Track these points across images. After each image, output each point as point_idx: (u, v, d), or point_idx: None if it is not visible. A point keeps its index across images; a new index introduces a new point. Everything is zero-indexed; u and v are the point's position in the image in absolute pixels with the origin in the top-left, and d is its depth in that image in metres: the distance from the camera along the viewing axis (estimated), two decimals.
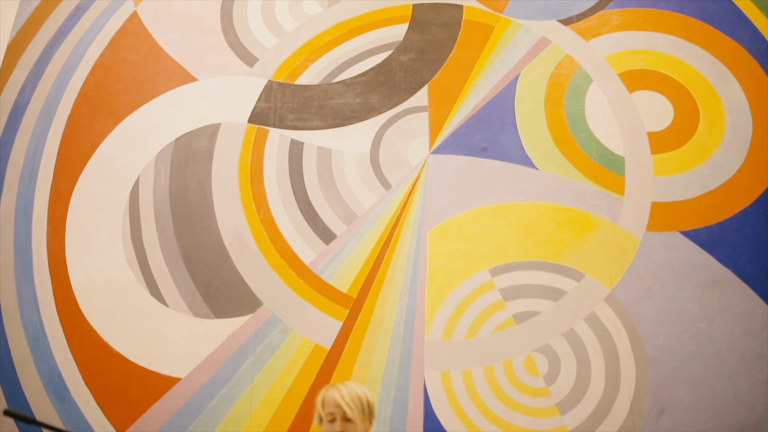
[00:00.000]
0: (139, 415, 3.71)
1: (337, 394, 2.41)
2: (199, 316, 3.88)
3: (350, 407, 2.38)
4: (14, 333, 3.89)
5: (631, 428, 3.60)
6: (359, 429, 2.40)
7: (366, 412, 2.42)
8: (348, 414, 2.38)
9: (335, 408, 2.41)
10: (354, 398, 2.41)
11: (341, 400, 2.39)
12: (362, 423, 2.41)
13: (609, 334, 3.75)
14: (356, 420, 2.38)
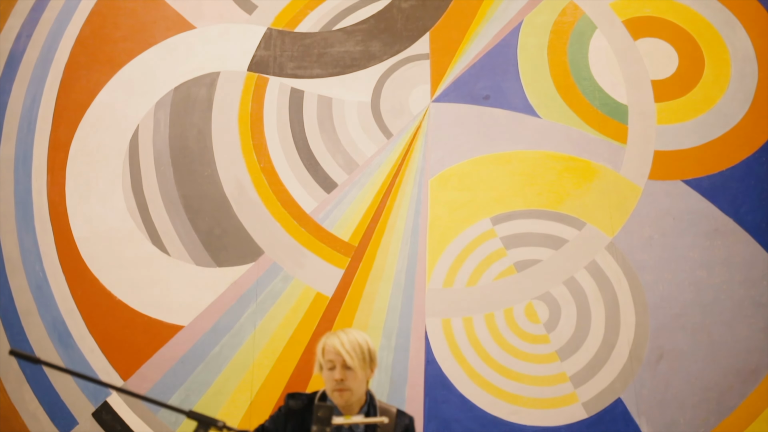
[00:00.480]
0: (143, 362, 3.75)
1: (337, 342, 2.40)
2: (201, 264, 3.89)
3: (350, 355, 2.37)
4: (17, 282, 3.91)
5: (630, 374, 3.64)
6: (359, 376, 2.40)
7: (366, 359, 2.41)
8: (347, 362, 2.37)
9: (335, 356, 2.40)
10: (354, 346, 2.40)
11: (341, 347, 2.38)
12: (362, 370, 2.40)
13: (609, 282, 3.77)
14: (356, 367, 2.38)
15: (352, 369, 2.38)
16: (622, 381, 3.63)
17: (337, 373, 2.39)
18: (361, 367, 2.39)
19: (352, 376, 2.39)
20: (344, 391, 2.39)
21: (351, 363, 2.37)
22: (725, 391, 3.60)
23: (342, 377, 2.38)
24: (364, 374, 2.41)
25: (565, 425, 3.58)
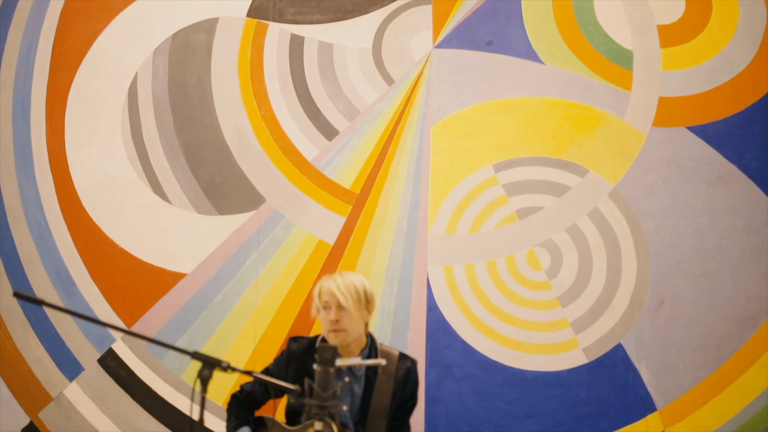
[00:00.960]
0: (147, 310, 3.77)
1: (332, 284, 2.41)
2: (203, 212, 3.89)
3: (344, 296, 2.38)
4: (19, 230, 3.91)
5: (630, 320, 3.66)
6: (354, 317, 2.41)
7: (362, 300, 2.41)
8: (342, 302, 2.39)
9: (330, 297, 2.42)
10: (349, 287, 2.40)
11: (335, 289, 2.39)
12: (357, 312, 2.41)
13: (611, 229, 3.77)
14: (350, 308, 2.38)
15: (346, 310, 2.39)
16: (622, 327, 3.66)
17: (332, 314, 2.41)
18: (356, 308, 2.40)
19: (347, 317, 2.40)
20: (339, 331, 2.41)
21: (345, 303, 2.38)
22: (724, 337, 3.63)
23: (337, 318, 2.39)
24: (360, 315, 2.41)
25: (566, 370, 3.62)
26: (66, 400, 3.69)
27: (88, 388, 3.70)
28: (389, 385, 2.42)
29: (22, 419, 3.67)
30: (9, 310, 3.81)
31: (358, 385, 2.44)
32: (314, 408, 2.02)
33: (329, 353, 2.06)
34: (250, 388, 2.60)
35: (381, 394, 2.41)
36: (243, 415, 2.52)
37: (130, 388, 3.70)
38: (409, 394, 2.50)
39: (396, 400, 2.45)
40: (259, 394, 2.57)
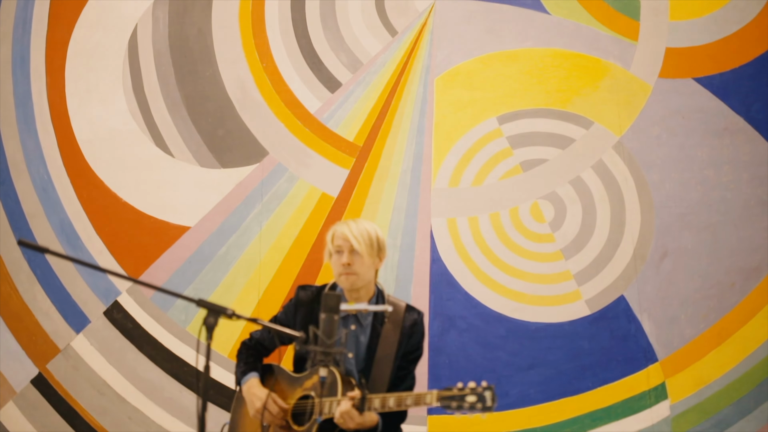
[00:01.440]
0: (151, 263, 3.79)
1: (346, 228, 2.43)
2: (206, 166, 3.87)
3: (357, 240, 2.40)
4: (22, 184, 3.90)
5: (633, 272, 3.67)
6: (366, 262, 2.43)
7: (374, 246, 2.43)
8: (354, 246, 2.40)
9: (343, 241, 2.43)
10: (362, 232, 2.42)
11: (349, 233, 2.41)
12: (370, 257, 2.42)
13: (616, 182, 3.75)
14: (363, 253, 2.40)
15: (358, 254, 2.41)
16: (625, 279, 3.67)
17: (345, 257, 2.43)
18: (368, 253, 2.41)
19: (359, 261, 2.42)
20: (351, 274, 2.43)
21: (358, 247, 2.40)
22: (727, 289, 3.64)
23: (349, 261, 2.41)
24: (371, 261, 2.43)
25: (568, 321, 3.65)
26: (73, 352, 3.73)
27: (94, 340, 3.74)
28: (395, 335, 2.44)
29: (31, 370, 3.72)
30: (14, 263, 3.83)
31: (364, 334, 2.46)
32: (318, 355, 2.04)
33: (334, 301, 2.07)
34: (258, 336, 2.64)
35: (386, 343, 2.43)
36: (251, 362, 2.56)
37: (137, 339, 3.74)
38: (414, 345, 2.52)
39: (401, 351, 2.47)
40: (267, 342, 2.60)
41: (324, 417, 2.29)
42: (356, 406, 2.20)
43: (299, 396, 2.41)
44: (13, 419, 3.67)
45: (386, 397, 2.21)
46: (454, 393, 2.13)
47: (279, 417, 2.39)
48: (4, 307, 3.79)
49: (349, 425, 2.21)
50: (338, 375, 2.30)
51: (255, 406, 2.38)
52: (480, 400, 2.10)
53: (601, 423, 3.56)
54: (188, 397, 3.66)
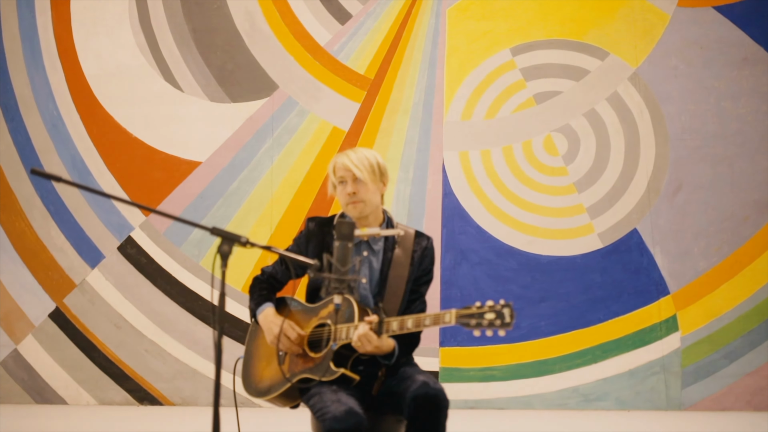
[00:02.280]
0: (163, 198, 3.80)
1: (346, 159, 2.40)
2: (216, 100, 3.84)
3: (359, 168, 2.37)
4: (32, 121, 3.89)
5: (647, 206, 3.65)
6: (370, 188, 2.41)
7: (376, 172, 2.41)
8: (357, 174, 2.38)
9: (345, 171, 2.41)
10: (362, 160, 2.39)
11: (349, 162, 2.38)
12: (373, 183, 2.41)
13: (631, 114, 3.70)
14: (366, 180, 2.38)
15: (362, 181, 2.39)
16: (638, 212, 3.65)
17: (349, 187, 2.41)
18: (371, 180, 2.40)
19: (363, 189, 2.41)
20: (358, 202, 2.42)
21: (360, 175, 2.38)
22: (741, 222, 3.62)
23: (354, 190, 2.40)
24: (375, 187, 2.42)
25: (580, 255, 3.64)
26: (89, 287, 3.78)
27: (109, 274, 3.78)
28: (406, 259, 2.44)
29: (48, 305, 3.78)
30: (27, 199, 3.85)
31: (376, 259, 2.47)
32: (333, 282, 2.04)
33: (347, 228, 2.06)
34: (271, 269, 2.63)
35: (398, 268, 2.43)
36: (265, 295, 2.56)
37: (151, 274, 3.77)
38: (426, 269, 2.53)
39: (413, 275, 2.48)
40: (280, 275, 2.60)
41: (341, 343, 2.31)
42: (374, 330, 2.21)
43: (315, 325, 2.42)
44: (33, 352, 3.74)
45: (404, 319, 2.22)
46: (473, 311, 2.14)
47: (296, 344, 2.41)
48: (19, 244, 3.83)
49: (366, 348, 2.23)
50: (354, 302, 2.31)
51: (273, 332, 2.40)
52: (499, 317, 2.11)
53: (612, 354, 3.59)
54: (203, 330, 3.71)
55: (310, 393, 2.32)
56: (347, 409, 2.14)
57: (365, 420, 2.16)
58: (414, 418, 2.20)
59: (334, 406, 2.14)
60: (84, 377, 3.71)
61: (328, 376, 2.29)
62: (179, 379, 3.68)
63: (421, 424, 2.19)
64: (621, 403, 3.54)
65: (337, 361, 2.31)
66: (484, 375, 3.58)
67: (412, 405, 2.19)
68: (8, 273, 3.80)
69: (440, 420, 2.20)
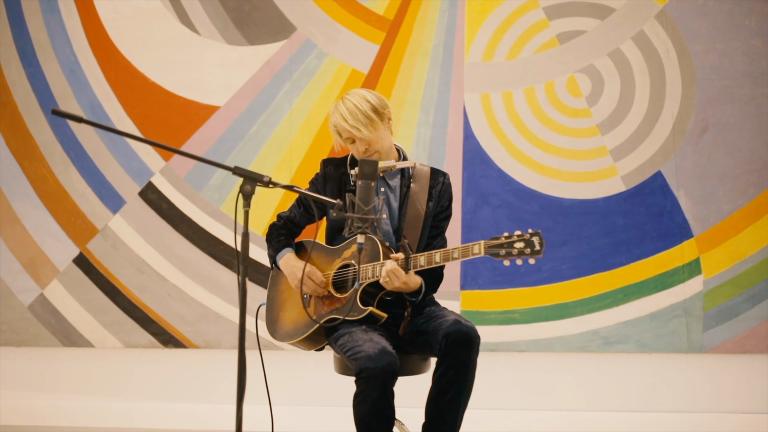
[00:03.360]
0: (183, 143, 3.78)
1: (341, 121, 2.37)
2: (233, 43, 3.79)
3: (356, 128, 2.35)
4: (50, 67, 3.87)
5: (672, 147, 3.59)
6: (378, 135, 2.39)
7: (374, 118, 2.37)
8: (357, 135, 2.37)
9: (346, 132, 2.41)
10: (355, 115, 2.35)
11: (346, 125, 2.36)
12: (377, 131, 2.38)
13: (657, 53, 3.60)
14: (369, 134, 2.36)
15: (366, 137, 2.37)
16: (663, 154, 3.59)
17: (360, 146, 2.40)
18: (373, 128, 2.37)
19: (371, 141, 2.39)
20: (373, 154, 2.41)
21: (362, 135, 2.36)
22: (767, 164, 3.55)
23: (365, 147, 2.39)
24: (381, 131, 2.40)
25: (603, 198, 3.61)
26: (111, 232, 3.80)
27: (131, 220, 3.80)
28: (423, 195, 2.45)
29: (72, 250, 3.81)
30: (47, 145, 3.85)
31: (394, 196, 2.48)
32: (356, 222, 2.04)
33: (370, 167, 2.05)
34: (288, 213, 2.63)
35: (415, 203, 2.44)
36: (283, 240, 2.56)
37: (172, 219, 3.79)
38: (444, 205, 2.53)
39: (431, 211, 2.47)
40: (299, 218, 2.60)
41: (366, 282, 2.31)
42: (401, 266, 2.22)
43: (339, 266, 2.43)
44: (59, 296, 3.79)
45: (432, 254, 2.23)
46: (502, 241, 2.14)
47: (320, 286, 2.42)
48: (41, 190, 3.85)
49: (394, 284, 2.24)
50: (378, 241, 2.31)
51: (296, 276, 2.41)
52: (528, 245, 2.12)
53: (634, 298, 3.58)
54: (225, 275, 3.74)
55: (338, 333, 2.33)
56: (381, 348, 2.16)
57: (398, 359, 2.19)
58: (446, 355, 2.23)
59: (367, 345, 2.16)
60: (109, 321, 3.77)
61: (355, 314, 2.30)
62: (202, 322, 3.73)
63: (453, 361, 2.22)
64: (642, 345, 3.55)
65: (363, 301, 2.33)
66: (505, 318, 3.59)
67: (444, 342, 2.21)
68: (32, 219, 3.83)
69: (472, 357, 2.22)
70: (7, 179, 3.85)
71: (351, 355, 2.20)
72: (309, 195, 2.10)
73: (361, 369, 2.13)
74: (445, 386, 2.23)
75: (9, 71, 3.87)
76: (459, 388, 2.22)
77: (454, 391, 2.22)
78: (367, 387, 2.13)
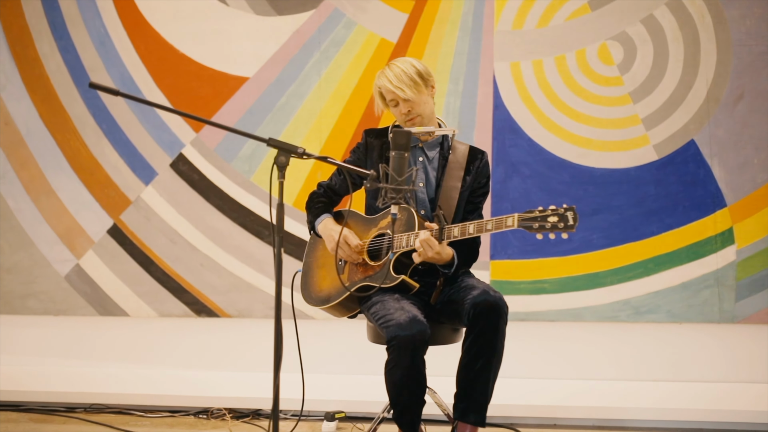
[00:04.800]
0: (212, 115, 3.81)
1: (386, 82, 2.44)
2: (261, 14, 3.78)
3: (401, 89, 2.40)
4: (80, 39, 3.89)
5: (706, 116, 3.53)
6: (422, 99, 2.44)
7: (419, 83, 2.43)
8: (402, 96, 2.41)
9: (391, 94, 2.47)
10: (401, 77, 2.42)
11: (390, 86, 2.42)
12: (420, 95, 2.45)
13: (691, 19, 3.53)
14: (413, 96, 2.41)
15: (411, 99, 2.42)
16: (696, 122, 3.54)
17: (402, 108, 2.45)
18: (418, 93, 2.43)
19: (414, 104, 2.45)
20: (414, 118, 2.45)
21: (404, 95, 2.41)
22: None
23: (407, 109, 2.43)
24: (425, 96, 2.46)
25: (635, 167, 3.57)
26: (144, 203, 3.85)
27: (163, 191, 3.84)
28: (460, 168, 2.48)
29: (106, 221, 3.87)
30: (80, 118, 3.90)
31: (432, 166, 2.51)
32: (390, 192, 2.05)
33: (404, 138, 2.06)
34: (328, 182, 2.69)
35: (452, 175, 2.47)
36: (322, 207, 2.63)
37: (203, 191, 3.82)
38: (481, 182, 2.56)
39: (468, 186, 2.50)
40: (338, 186, 2.66)
41: (400, 251, 2.34)
42: (435, 236, 2.24)
43: (374, 235, 2.47)
44: (94, 266, 3.87)
45: (466, 225, 2.25)
46: (536, 215, 2.16)
47: (356, 251, 2.45)
48: (75, 162, 3.90)
49: (428, 254, 2.26)
50: (414, 211, 2.34)
51: (333, 239, 2.46)
52: (562, 219, 2.13)
53: (665, 268, 3.55)
54: (255, 245, 3.77)
55: (371, 301, 2.37)
56: (412, 316, 2.19)
57: (428, 328, 2.21)
58: (474, 323, 2.25)
59: (398, 313, 2.19)
60: (144, 290, 3.83)
61: (388, 282, 2.33)
62: (234, 292, 3.78)
63: (481, 330, 2.24)
64: (673, 315, 3.54)
65: (396, 269, 2.35)
66: (535, 288, 3.59)
67: (471, 311, 2.23)
68: (67, 191, 3.89)
69: (500, 326, 2.24)
70: (42, 152, 3.91)
71: (382, 323, 2.23)
72: (344, 166, 2.12)
73: (392, 337, 2.16)
74: (475, 355, 2.25)
75: (41, 45, 3.90)
76: (488, 356, 2.25)
77: (484, 360, 2.25)
78: (397, 355, 2.16)
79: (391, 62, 2.50)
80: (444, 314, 2.41)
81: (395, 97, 2.43)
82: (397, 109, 2.47)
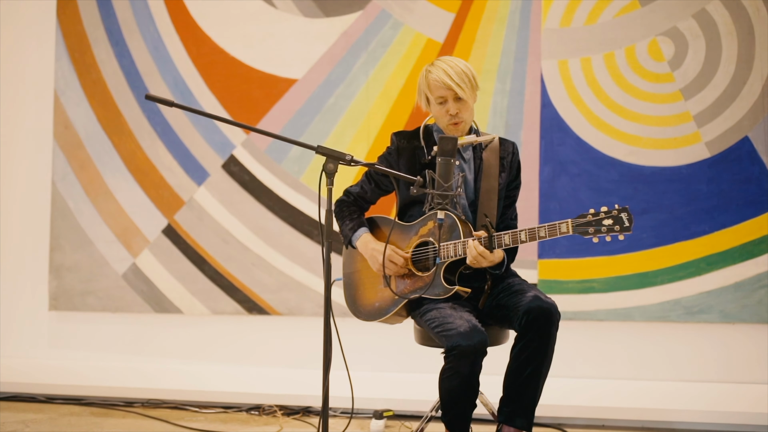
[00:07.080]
0: (263, 116, 3.88)
1: (444, 76, 2.29)
2: (309, 16, 3.83)
3: (461, 87, 2.28)
4: (135, 44, 4.01)
5: (761, 111, 3.45)
6: (470, 106, 2.37)
7: (475, 86, 2.35)
8: (460, 94, 2.31)
9: (446, 90, 2.32)
10: (461, 76, 2.30)
11: (450, 81, 2.28)
12: (472, 100, 2.37)
13: (746, 12, 3.45)
14: (467, 98, 2.33)
15: (464, 100, 2.33)
16: (750, 119, 3.46)
17: (452, 108, 2.34)
18: (471, 97, 2.34)
19: (464, 107, 2.35)
20: (459, 123, 2.38)
21: (464, 95, 2.31)
22: None
23: (457, 110, 2.34)
24: (473, 98, 2.37)
25: (686, 165, 3.51)
26: (197, 204, 3.95)
27: (215, 191, 3.94)
28: (495, 166, 2.43)
29: (161, 221, 3.99)
30: (135, 120, 4.02)
31: (469, 169, 2.46)
32: (436, 198, 2.06)
33: (450, 144, 2.06)
34: (358, 189, 2.58)
35: (489, 175, 2.42)
36: (356, 218, 2.53)
37: (254, 191, 3.90)
38: (515, 174, 2.51)
39: (504, 181, 2.46)
40: (370, 194, 2.57)
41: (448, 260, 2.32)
42: (485, 246, 2.22)
43: (416, 243, 2.44)
44: (150, 265, 3.99)
45: (517, 233, 2.22)
46: (589, 219, 2.11)
47: (401, 266, 2.42)
48: (131, 164, 4.02)
49: (482, 265, 2.25)
50: (456, 218, 2.32)
51: (377, 261, 2.40)
52: (617, 222, 2.09)
53: (717, 267, 3.49)
54: (305, 244, 3.84)
55: (424, 308, 2.35)
56: (472, 326, 2.18)
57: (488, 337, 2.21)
58: (526, 330, 2.23)
59: (458, 322, 2.18)
60: (197, 289, 3.94)
61: (443, 294, 2.32)
62: (284, 290, 3.85)
63: (534, 336, 2.22)
64: (725, 316, 3.47)
65: (444, 277, 2.34)
66: (584, 287, 3.57)
67: (524, 318, 2.21)
68: (123, 192, 4.02)
69: (552, 332, 2.23)
70: (100, 154, 4.04)
71: (441, 332, 2.20)
72: (389, 172, 2.13)
73: (454, 346, 2.13)
74: (524, 362, 2.23)
75: (98, 51, 4.03)
76: (538, 363, 2.22)
77: (533, 367, 2.22)
78: (458, 363, 2.14)
79: (442, 58, 2.36)
80: (492, 317, 2.40)
81: (448, 93, 2.31)
82: (443, 107, 2.34)
